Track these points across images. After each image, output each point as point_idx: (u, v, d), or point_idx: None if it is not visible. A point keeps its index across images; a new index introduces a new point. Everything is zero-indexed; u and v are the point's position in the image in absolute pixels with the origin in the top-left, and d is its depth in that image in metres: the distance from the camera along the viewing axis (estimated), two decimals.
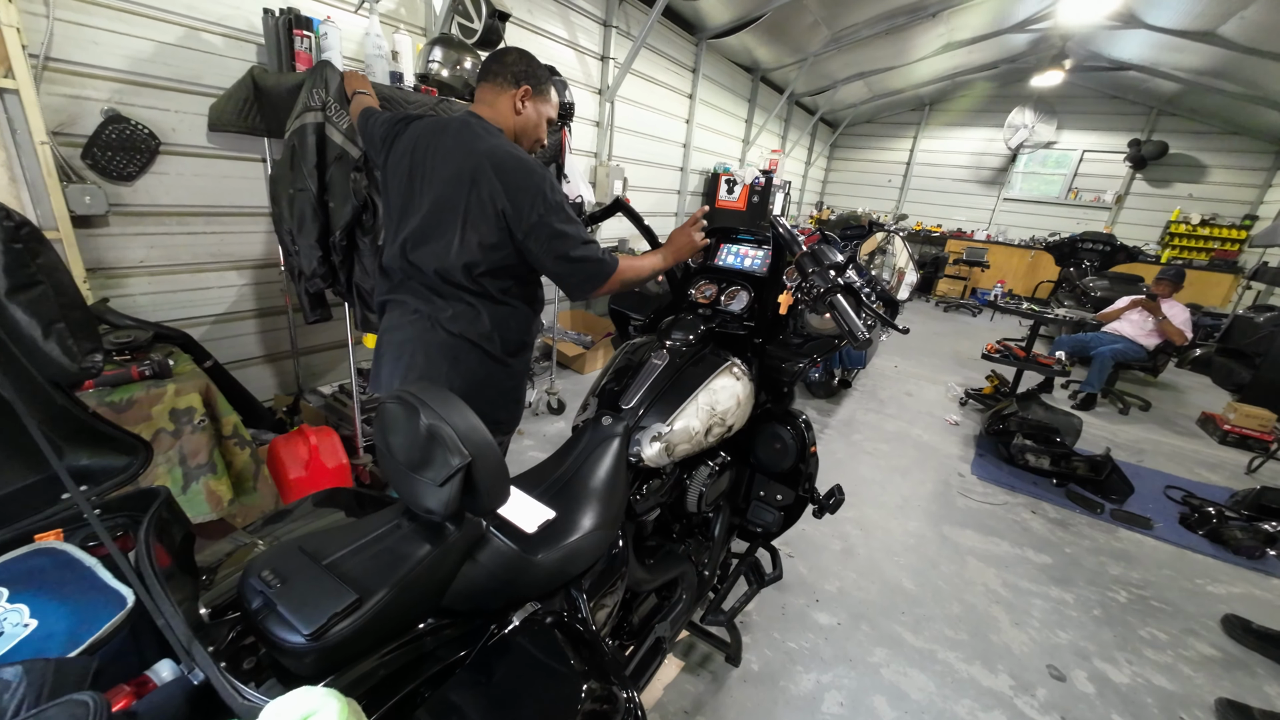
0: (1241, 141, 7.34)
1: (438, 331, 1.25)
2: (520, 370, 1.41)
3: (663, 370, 1.36)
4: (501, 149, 1.21)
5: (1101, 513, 2.76)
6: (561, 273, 1.26)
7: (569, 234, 1.22)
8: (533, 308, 1.39)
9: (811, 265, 1.16)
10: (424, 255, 1.24)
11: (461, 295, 1.25)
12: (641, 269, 1.37)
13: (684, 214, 5.70)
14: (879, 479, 2.94)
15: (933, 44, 6.29)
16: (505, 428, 1.43)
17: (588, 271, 1.26)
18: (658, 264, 1.41)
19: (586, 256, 1.24)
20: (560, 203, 1.23)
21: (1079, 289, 6.03)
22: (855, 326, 1.05)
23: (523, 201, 1.18)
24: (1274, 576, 2.39)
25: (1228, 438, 3.82)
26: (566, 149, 2.72)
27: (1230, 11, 4.75)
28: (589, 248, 1.25)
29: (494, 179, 1.18)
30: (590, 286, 1.29)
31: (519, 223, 1.19)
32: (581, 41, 3.73)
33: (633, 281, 1.35)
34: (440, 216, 1.22)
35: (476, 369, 1.28)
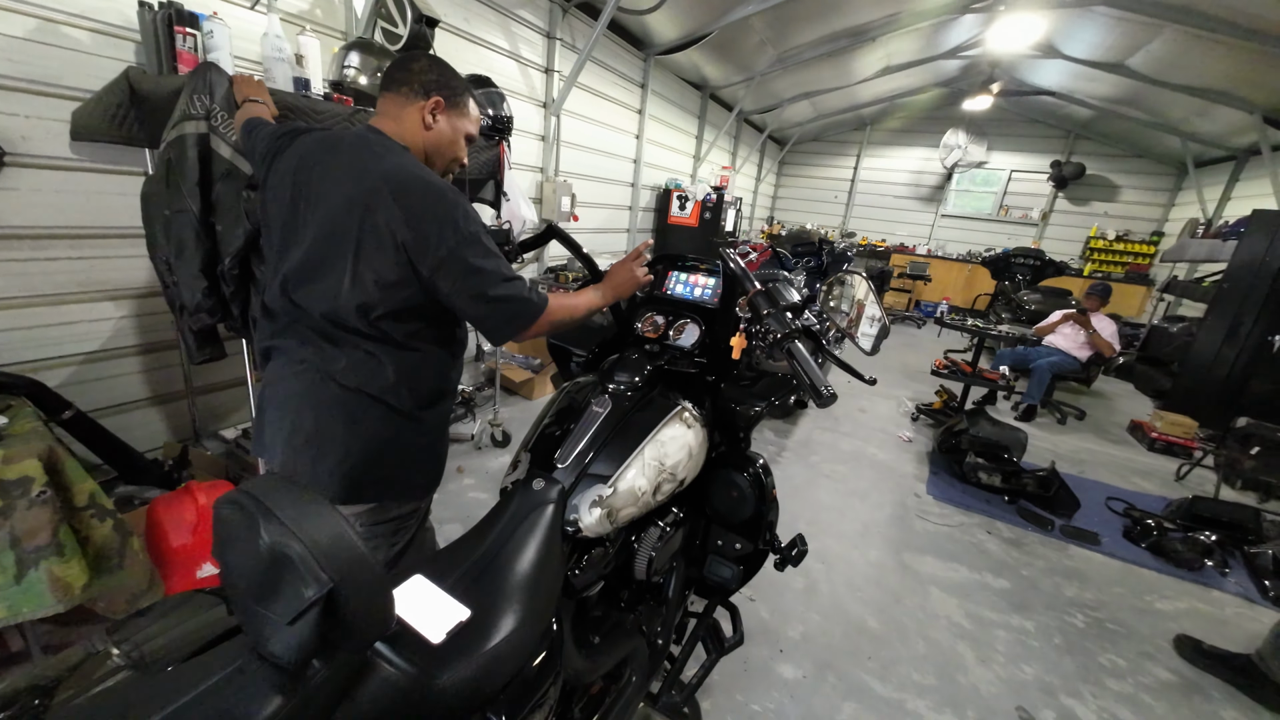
0: (1147, 164, 7.98)
1: (329, 386, 1.04)
2: (438, 423, 1.21)
3: (604, 419, 1.19)
4: (404, 170, 1.02)
5: (1052, 530, 2.79)
6: (479, 314, 1.08)
7: (486, 269, 1.04)
8: (450, 350, 1.19)
9: (766, 306, 1.04)
10: (309, 295, 1.03)
11: (358, 342, 1.04)
12: (576, 307, 1.21)
13: (636, 231, 5.60)
14: (838, 504, 2.87)
15: (873, 66, 6.51)
16: (421, 491, 1.22)
17: (510, 312, 1.09)
18: (594, 301, 1.25)
19: (509, 295, 1.07)
20: (476, 234, 1.04)
21: (1014, 302, 6.31)
22: (818, 379, 0.93)
23: (429, 231, 1.00)
24: (1213, 588, 2.45)
25: (1155, 445, 4.01)
26: (505, 164, 2.54)
27: (1137, 46, 5.12)
28: (512, 285, 1.07)
29: (393, 205, 0.99)
30: (514, 329, 1.11)
31: (424, 257, 1.00)
32: (524, 53, 3.57)
33: (565, 322, 1.19)
34: (327, 250, 1.02)
35: (380, 428, 1.07)
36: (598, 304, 1.26)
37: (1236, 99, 5.23)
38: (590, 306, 1.24)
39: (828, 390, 0.92)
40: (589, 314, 1.25)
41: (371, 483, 1.09)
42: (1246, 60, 4.55)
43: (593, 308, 1.25)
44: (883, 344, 1.44)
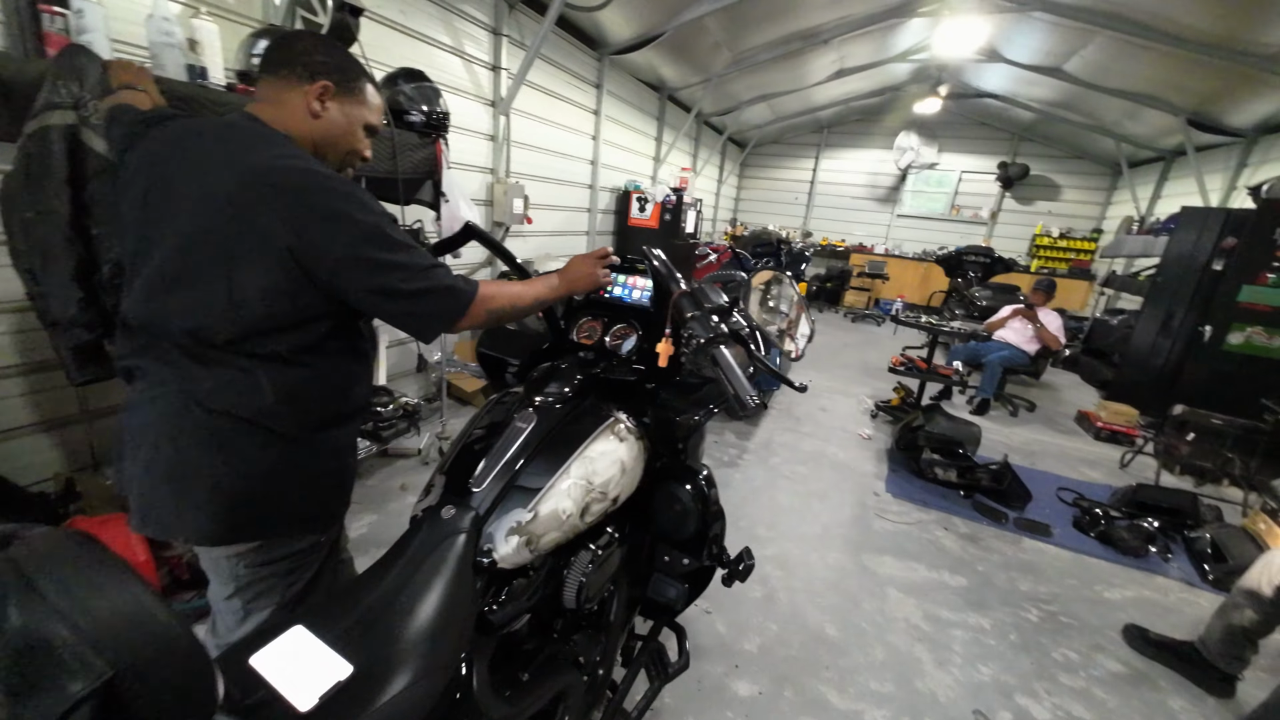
0: (1085, 165, 8.36)
1: (192, 411, 0.90)
2: (340, 445, 1.08)
3: (527, 436, 1.09)
4: (284, 162, 0.89)
5: (1006, 523, 2.81)
6: (398, 313, 0.96)
7: (396, 262, 0.92)
8: (351, 364, 1.06)
9: (691, 308, 0.96)
10: (170, 309, 0.89)
11: (229, 359, 0.90)
12: (520, 296, 1.09)
13: (596, 233, 5.50)
14: (798, 506, 2.83)
15: (826, 70, 6.60)
16: (319, 524, 1.09)
17: (434, 306, 0.97)
18: (543, 292, 1.14)
19: (429, 287, 0.95)
20: (376, 225, 0.92)
21: (967, 298, 6.49)
22: (741, 388, 0.85)
23: (319, 231, 0.88)
24: (1157, 574, 2.51)
25: (1101, 434, 4.14)
26: (443, 164, 2.41)
27: (1072, 51, 5.34)
28: (431, 275, 0.95)
29: (272, 203, 0.86)
30: (443, 322, 1.00)
31: (319, 261, 0.88)
32: (469, 49, 3.43)
33: (507, 312, 1.08)
34: (191, 256, 0.88)
35: (258, 457, 0.94)
36: (546, 295, 1.15)
37: (1163, 102, 5.50)
38: (538, 297, 1.13)
39: (752, 400, 0.84)
40: (536, 305, 1.14)
41: (251, 519, 0.96)
42: (1171, 65, 4.79)
43: (540, 299, 1.14)
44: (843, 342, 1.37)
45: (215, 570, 1.04)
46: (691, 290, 0.98)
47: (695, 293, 0.98)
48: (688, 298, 0.98)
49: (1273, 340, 3.59)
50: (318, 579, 1.16)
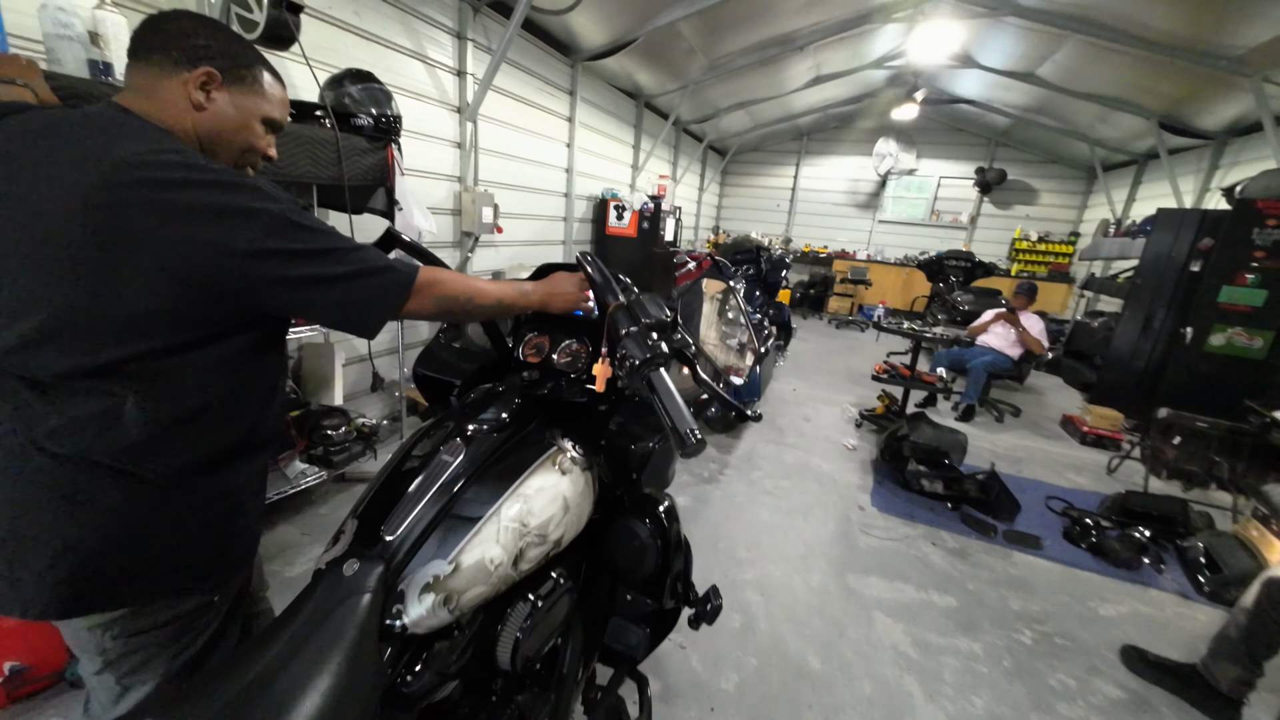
0: (1061, 169, 8.45)
1: (31, 456, 0.75)
2: (233, 488, 0.92)
3: (452, 472, 0.95)
4: (159, 157, 0.74)
5: (995, 536, 2.71)
6: (329, 304, 0.82)
7: (317, 248, 0.79)
8: (256, 385, 0.91)
9: (626, 323, 0.83)
10: (6, 337, 0.74)
11: (84, 391, 0.75)
12: (481, 292, 0.96)
13: (573, 242, 5.37)
14: (780, 524, 2.70)
15: (803, 76, 6.59)
16: (209, 582, 0.93)
17: (371, 288, 0.84)
18: (509, 295, 1.00)
19: (361, 269, 0.82)
20: (282, 212, 0.78)
21: (949, 303, 6.46)
22: (681, 420, 0.72)
23: (212, 231, 0.73)
24: (1151, 587, 2.42)
25: (1087, 438, 4.08)
26: (396, 170, 2.27)
27: (1044, 56, 5.37)
28: (361, 255, 0.83)
29: (149, 205, 0.71)
30: (384, 307, 0.86)
31: (219, 263, 0.74)
32: (431, 54, 3.31)
33: (462, 304, 0.94)
34: (34, 272, 0.73)
35: (120, 508, 0.78)
36: (514, 300, 1.01)
37: (1134, 105, 5.55)
38: (503, 299, 0.99)
39: (693, 436, 0.71)
40: (500, 307, 1.00)
41: (109, 585, 0.80)
42: (1141, 68, 4.82)
43: (506, 302, 1.00)
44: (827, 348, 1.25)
45: (77, 643, 0.88)
46: (628, 302, 0.85)
47: (632, 305, 0.85)
48: (623, 311, 0.85)
49: (1253, 341, 3.56)
50: (217, 642, 1.00)
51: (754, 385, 3.46)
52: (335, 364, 2.73)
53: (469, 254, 3.85)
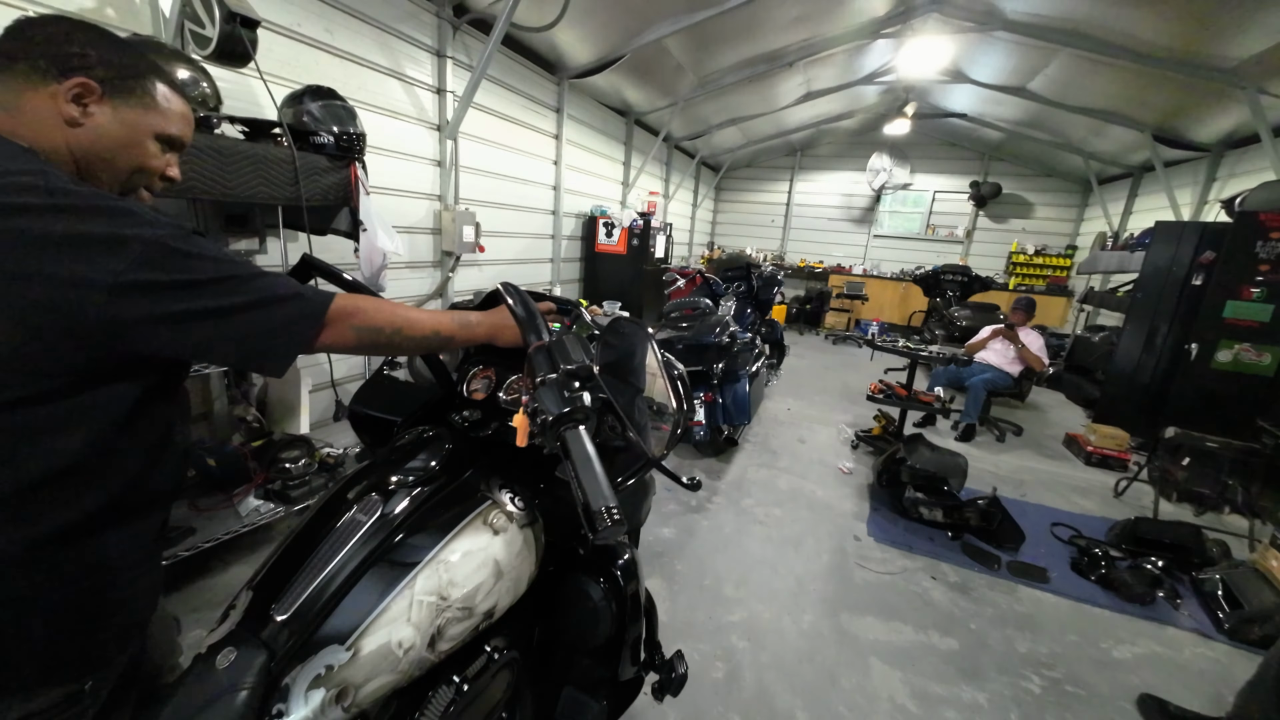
0: (1056, 182, 8.41)
1: None
2: (106, 558, 0.78)
3: (364, 535, 0.82)
4: (6, 180, 0.64)
5: (999, 568, 2.56)
6: (221, 338, 0.71)
7: (205, 277, 0.68)
8: (140, 434, 0.78)
9: (545, 369, 0.70)
10: None
11: None
12: (412, 323, 0.84)
13: (561, 260, 5.29)
14: (770, 557, 2.55)
15: (794, 93, 6.57)
16: (75, 670, 0.79)
17: (273, 319, 0.73)
18: (448, 327, 0.87)
19: (260, 298, 0.71)
20: (161, 240, 0.67)
21: (947, 318, 6.35)
22: (595, 493, 0.59)
23: (73, 263, 0.62)
24: (1168, 624, 2.26)
25: (1092, 459, 3.93)
26: (361, 189, 2.17)
27: (1035, 70, 5.33)
28: (261, 283, 0.72)
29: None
30: (292, 340, 0.75)
31: (79, 301, 0.63)
32: (409, 72, 3.25)
33: (388, 336, 0.82)
34: None
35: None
36: (454, 333, 0.88)
37: (1127, 119, 5.50)
38: (440, 331, 0.86)
39: (607, 514, 0.58)
40: (437, 340, 0.87)
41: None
42: (1133, 81, 4.77)
43: (443, 332, 0.87)
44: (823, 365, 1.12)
45: None
46: (548, 344, 0.73)
47: (552, 347, 0.72)
48: (543, 354, 0.72)
49: (1262, 357, 3.43)
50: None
51: (742, 406, 3.32)
52: (302, 391, 2.60)
53: (450, 273, 3.75)
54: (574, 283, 5.72)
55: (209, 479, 2.19)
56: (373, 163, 3.07)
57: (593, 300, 5.34)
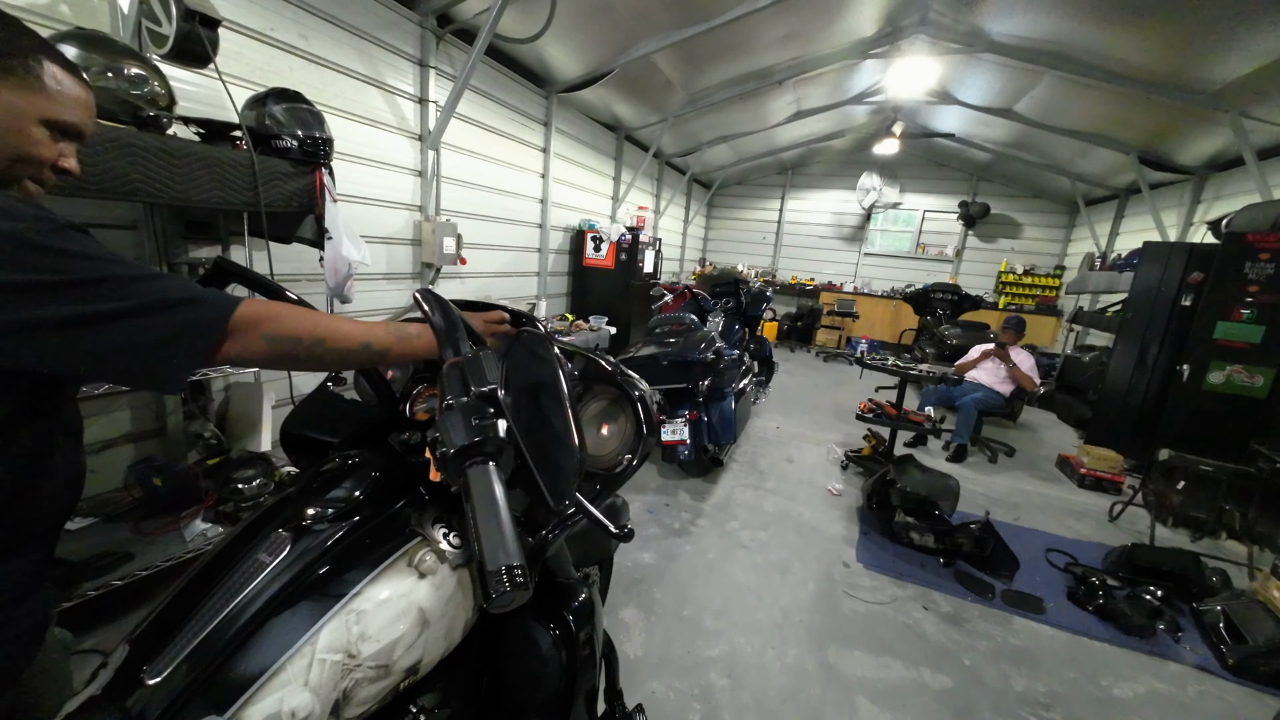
0: (1043, 203, 8.49)
1: None
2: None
3: (263, 581, 0.71)
4: None
5: (993, 598, 2.45)
6: (96, 352, 0.61)
7: (75, 281, 0.59)
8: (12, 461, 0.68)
9: (454, 390, 0.60)
10: None
11: None
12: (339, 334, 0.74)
13: (548, 274, 5.21)
14: (755, 584, 2.42)
15: (785, 111, 6.60)
16: None
17: (161, 328, 0.63)
18: (383, 340, 0.77)
19: (146, 303, 0.62)
20: (21, 234, 0.57)
21: (937, 337, 6.32)
22: (492, 549, 0.48)
23: None
24: (1170, 659, 2.15)
25: (1085, 481, 3.85)
26: (327, 196, 2.08)
27: (1022, 91, 5.38)
28: (148, 285, 0.62)
29: None
30: (184, 352, 0.65)
31: None
32: (390, 80, 3.19)
33: (309, 348, 0.72)
34: None
35: None
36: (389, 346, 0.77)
37: (1113, 140, 5.55)
38: (372, 341, 0.75)
39: (507, 579, 0.47)
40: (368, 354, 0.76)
41: None
42: (1118, 104, 4.81)
43: (376, 345, 0.76)
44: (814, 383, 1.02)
45: None
46: (461, 361, 0.63)
47: (466, 365, 0.62)
48: (455, 373, 0.62)
49: (1254, 379, 3.39)
50: None
51: (728, 425, 3.22)
52: (264, 406, 2.47)
53: (430, 285, 3.65)
54: (561, 296, 5.64)
55: (155, 500, 2.06)
56: (350, 171, 3.00)
57: (579, 315, 5.25)
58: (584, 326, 4.78)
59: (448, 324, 0.68)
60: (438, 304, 0.71)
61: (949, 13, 4.56)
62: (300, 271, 2.75)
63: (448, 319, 0.69)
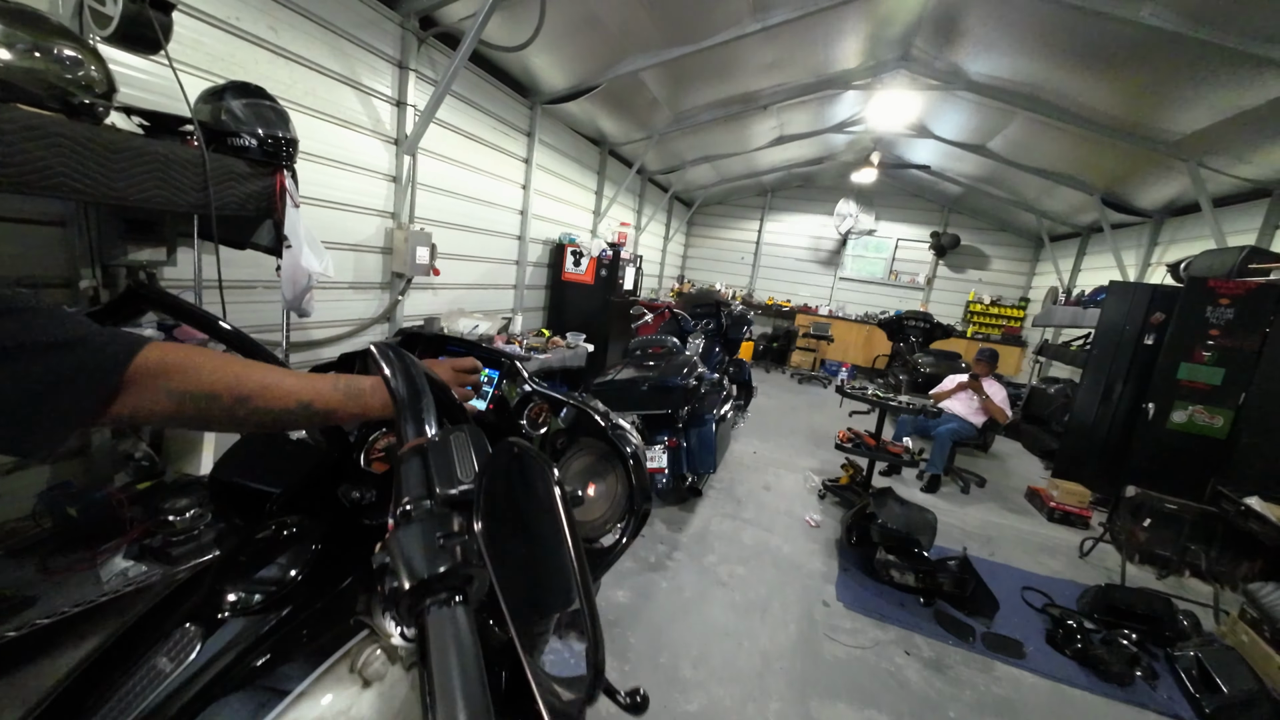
0: (1009, 237, 8.80)
1: None
2: None
3: (160, 696, 0.56)
4: None
5: (973, 642, 2.39)
6: None
7: None
8: None
9: (413, 490, 0.46)
10: None
11: None
12: (268, 386, 0.59)
13: (525, 287, 5.06)
14: (734, 627, 2.31)
15: (767, 135, 6.67)
16: None
17: (32, 378, 0.48)
18: (324, 394, 0.62)
19: (14, 345, 0.47)
20: None
21: (910, 364, 6.40)
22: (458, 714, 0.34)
23: None
24: (1148, 709, 2.12)
25: (1054, 514, 3.90)
26: (288, 200, 1.91)
27: (995, 130, 5.56)
28: (15, 325, 0.48)
29: None
30: (63, 410, 0.50)
31: None
32: (366, 81, 3.03)
33: (223, 402, 0.57)
34: None
35: None
36: (332, 404, 0.62)
37: (1078, 181, 5.78)
38: (312, 399, 0.61)
39: None
40: (303, 410, 0.61)
41: None
42: (1085, 147, 5.01)
43: (316, 403, 0.61)
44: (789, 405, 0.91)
45: None
46: (424, 444, 0.49)
47: (430, 451, 0.48)
48: (415, 460, 0.48)
49: (1214, 420, 3.49)
50: None
51: (708, 453, 3.12)
52: None
53: (400, 296, 3.46)
54: (538, 310, 5.49)
55: (69, 532, 1.82)
56: (318, 174, 2.82)
57: (556, 330, 5.10)
58: (561, 343, 4.64)
59: (410, 392, 0.55)
60: (399, 364, 0.57)
61: (930, 50, 4.67)
62: (256, 278, 2.54)
63: (411, 386, 0.55)
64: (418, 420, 0.52)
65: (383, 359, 0.57)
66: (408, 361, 0.58)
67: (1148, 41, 3.30)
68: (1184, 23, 3.04)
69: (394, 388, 0.55)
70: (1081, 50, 3.71)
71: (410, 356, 0.59)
